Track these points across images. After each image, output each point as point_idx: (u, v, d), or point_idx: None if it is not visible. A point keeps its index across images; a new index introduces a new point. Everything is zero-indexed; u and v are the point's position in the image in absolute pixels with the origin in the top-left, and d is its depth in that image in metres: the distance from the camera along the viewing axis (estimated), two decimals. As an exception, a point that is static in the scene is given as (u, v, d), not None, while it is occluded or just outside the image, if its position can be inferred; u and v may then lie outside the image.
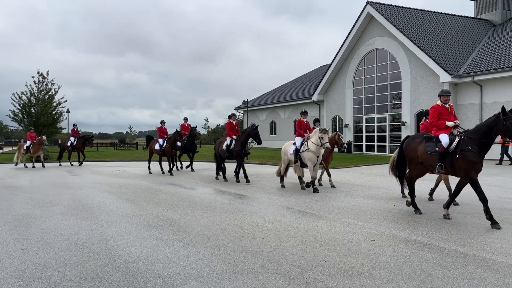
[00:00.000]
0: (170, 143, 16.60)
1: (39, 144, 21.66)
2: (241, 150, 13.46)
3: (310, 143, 11.17)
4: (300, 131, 12.00)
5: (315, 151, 11.01)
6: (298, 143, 11.70)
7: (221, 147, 14.20)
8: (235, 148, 13.58)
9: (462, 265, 4.85)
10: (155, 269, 4.81)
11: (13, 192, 11.78)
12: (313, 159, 11.11)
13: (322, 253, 5.38)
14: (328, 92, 33.16)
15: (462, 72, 22.97)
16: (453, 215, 7.66)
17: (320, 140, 10.80)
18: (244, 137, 13.53)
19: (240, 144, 13.50)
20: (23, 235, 6.50)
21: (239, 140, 13.58)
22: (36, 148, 21.66)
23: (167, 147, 16.71)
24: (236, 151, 13.56)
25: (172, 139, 16.48)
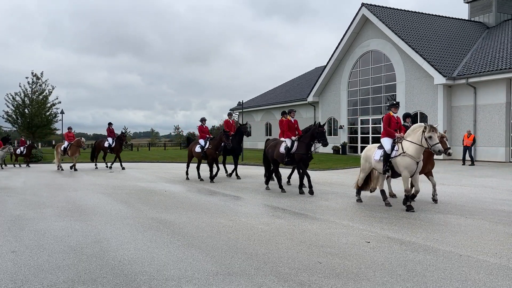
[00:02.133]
0: (214, 145, 14.13)
1: (76, 146, 20.43)
2: (306, 154, 11.20)
3: (408, 145, 8.53)
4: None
5: (414, 155, 8.39)
6: (387, 145, 8.96)
7: (278, 150, 11.79)
8: (299, 151, 11.21)
9: (457, 266, 4.87)
10: (149, 271, 4.79)
11: (6, 193, 11.69)
12: (411, 167, 8.42)
13: (317, 254, 5.38)
14: (323, 94, 33.24)
15: (456, 74, 23.10)
16: (447, 217, 7.69)
17: (427, 140, 8.23)
18: (308, 138, 11.16)
19: (304, 147, 11.16)
20: (16, 237, 6.44)
21: (302, 142, 11.23)
22: (73, 150, 20.40)
23: (210, 149, 14.26)
24: (299, 155, 11.20)
25: (217, 140, 14.10)
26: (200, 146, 14.76)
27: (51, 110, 36.60)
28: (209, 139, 14.69)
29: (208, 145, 14.40)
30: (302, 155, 11.16)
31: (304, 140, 11.19)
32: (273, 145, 12.12)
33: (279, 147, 11.75)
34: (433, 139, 8.17)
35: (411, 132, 8.61)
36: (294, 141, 11.44)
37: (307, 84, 39.34)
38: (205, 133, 15.20)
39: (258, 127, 43.39)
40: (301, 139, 11.27)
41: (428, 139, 8.20)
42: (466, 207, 8.77)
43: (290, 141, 11.52)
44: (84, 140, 21.06)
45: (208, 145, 14.39)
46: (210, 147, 14.27)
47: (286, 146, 11.47)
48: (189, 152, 15.81)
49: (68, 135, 21.05)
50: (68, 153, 20.42)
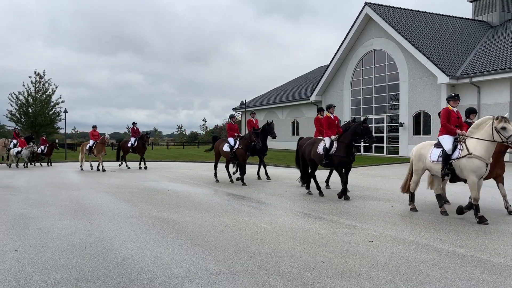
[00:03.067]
0: (244, 145, 12.92)
1: (102, 144, 19.59)
2: (347, 157, 9.85)
3: (474, 144, 7.20)
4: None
5: (484, 155, 7.07)
6: (447, 144, 7.65)
7: (315, 150, 10.51)
8: (338, 153, 9.90)
9: (460, 266, 4.85)
10: (152, 269, 4.80)
11: (10, 192, 11.74)
12: (481, 170, 7.13)
13: (320, 254, 5.38)
14: (326, 93, 33.19)
15: (460, 73, 23.02)
16: (450, 217, 7.66)
17: (499, 133, 6.89)
18: (349, 137, 9.81)
19: (344, 148, 9.83)
20: (20, 236, 6.47)
21: (342, 142, 9.90)
22: (99, 148, 19.52)
23: (241, 149, 12.98)
24: (339, 158, 9.89)
25: (247, 139, 12.90)
26: (229, 145, 13.54)
27: (55, 109, 36.72)
28: (238, 138, 13.48)
29: (238, 145, 13.14)
30: (342, 157, 9.82)
31: (344, 140, 9.84)
32: (311, 144, 10.92)
33: (316, 146, 10.53)
34: (508, 130, 6.81)
35: (475, 128, 7.34)
36: (333, 140, 10.09)
37: (309, 84, 39.29)
38: (234, 131, 13.93)
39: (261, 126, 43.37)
40: (341, 139, 9.92)
41: (501, 130, 6.86)
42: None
43: (329, 141, 10.18)
44: (108, 137, 20.32)
45: (238, 144, 13.11)
46: (240, 147, 13.00)
47: (324, 146, 10.19)
48: (216, 151, 14.58)
49: (93, 134, 20.29)
50: (94, 152, 19.65)
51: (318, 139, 10.80)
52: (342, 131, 10.13)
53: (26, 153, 22.07)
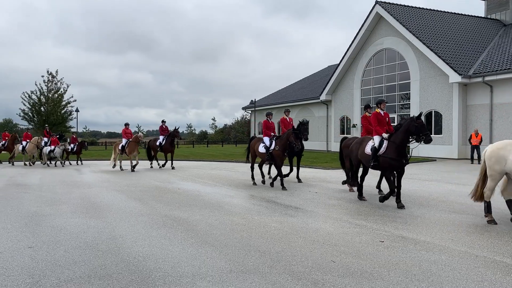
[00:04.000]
0: (282, 145, 11.85)
1: (135, 142, 18.46)
2: (398, 160, 8.56)
3: None
4: None
5: None
6: None
7: (363, 150, 9.38)
8: (387, 154, 8.64)
9: (472, 267, 4.81)
10: (163, 267, 4.83)
11: (23, 190, 11.90)
12: None
13: (331, 253, 5.37)
14: (336, 92, 33.06)
15: (472, 72, 22.76)
16: (462, 217, 7.59)
17: None
18: (401, 136, 8.55)
19: (395, 149, 8.57)
20: (33, 233, 6.56)
21: (393, 142, 8.61)
22: (131, 147, 18.41)
23: (278, 150, 11.91)
24: (386, 160, 8.66)
25: (284, 139, 11.76)
26: (264, 145, 12.42)
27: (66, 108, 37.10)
28: (275, 137, 12.34)
29: (275, 145, 12.05)
30: (391, 160, 8.59)
31: (395, 140, 8.59)
32: (358, 142, 9.85)
33: (364, 146, 9.43)
34: None
35: None
36: (383, 139, 8.90)
37: (319, 83, 39.17)
38: (271, 130, 12.77)
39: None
40: (392, 139, 8.72)
41: None
42: (481, 207, 8.62)
43: (378, 139, 9.01)
44: (142, 135, 19.06)
45: (275, 145, 12.04)
46: (277, 148, 11.92)
47: (373, 146, 9.06)
48: (251, 151, 13.45)
49: (126, 132, 19.20)
50: (126, 152, 18.50)
51: (367, 138, 9.77)
52: (394, 129, 8.94)
53: (59, 151, 21.67)
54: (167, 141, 19.37)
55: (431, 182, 12.33)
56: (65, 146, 21.78)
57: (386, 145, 8.76)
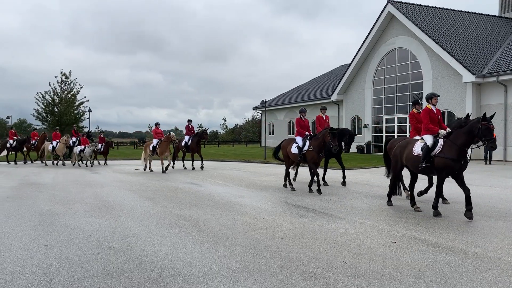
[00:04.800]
0: (316, 145, 10.86)
1: (167, 142, 17.62)
2: (457, 160, 7.50)
3: None
4: None
5: None
6: None
7: (410, 151, 8.31)
8: (446, 154, 7.58)
9: (487, 269, 4.74)
10: (175, 267, 4.85)
11: (37, 189, 12.07)
12: None
13: (342, 254, 5.34)
14: (347, 92, 32.89)
15: (486, 72, 22.46)
16: (476, 218, 7.49)
17: None
18: (464, 137, 7.47)
19: (456, 150, 7.49)
20: (47, 231, 6.64)
21: (452, 143, 7.56)
22: (163, 148, 17.57)
23: (312, 151, 10.94)
24: (446, 161, 7.57)
25: (320, 139, 10.82)
26: (297, 146, 11.45)
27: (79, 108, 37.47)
28: (308, 137, 11.38)
29: (308, 146, 11.11)
30: (449, 161, 7.50)
31: (455, 141, 7.54)
32: (404, 145, 8.72)
33: (412, 147, 8.34)
34: None
35: None
36: (438, 138, 7.89)
37: (330, 83, 39.02)
38: (305, 129, 11.72)
39: (281, 125, 43.33)
40: (451, 138, 7.65)
41: None
42: (496, 208, 8.53)
43: (431, 138, 7.97)
44: (174, 134, 18.21)
45: (309, 145, 11.08)
46: (311, 149, 10.96)
47: (424, 145, 7.99)
48: (283, 152, 12.38)
49: (157, 132, 18.65)
50: (157, 152, 17.77)
51: (414, 139, 8.74)
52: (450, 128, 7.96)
53: (88, 151, 21.26)
54: (193, 141, 18.94)
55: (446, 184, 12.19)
56: (95, 146, 21.42)
57: (442, 144, 7.72)
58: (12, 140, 24.40)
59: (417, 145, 8.25)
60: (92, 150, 21.35)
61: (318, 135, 11.02)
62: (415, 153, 8.18)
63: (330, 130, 10.62)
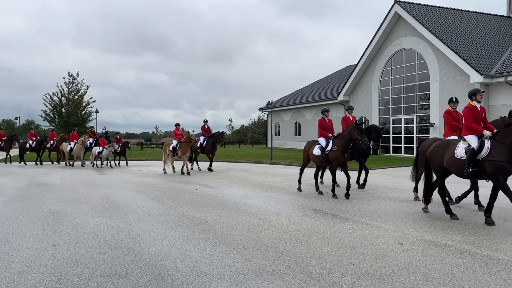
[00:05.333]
0: (341, 145, 10.14)
1: (187, 143, 17.05)
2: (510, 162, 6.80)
3: None
4: None
5: None
6: None
7: (453, 153, 7.50)
8: (495, 156, 6.88)
9: (495, 271, 4.70)
10: (182, 267, 4.86)
11: (44, 189, 12.15)
12: None
13: (349, 255, 5.32)
14: (354, 93, 32.78)
15: (494, 72, 22.28)
16: (484, 220, 7.41)
17: None
18: None
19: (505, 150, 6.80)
20: (55, 232, 6.69)
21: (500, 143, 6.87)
22: (184, 148, 17.05)
23: (335, 151, 10.20)
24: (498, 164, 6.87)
25: (345, 137, 10.08)
26: (320, 147, 10.72)
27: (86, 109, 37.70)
28: (332, 137, 10.67)
29: (332, 146, 10.38)
30: (504, 163, 6.77)
31: (503, 140, 6.80)
32: (443, 146, 7.85)
33: (454, 149, 7.51)
34: None
35: None
36: (484, 139, 7.11)
37: (336, 83, 38.91)
38: (328, 130, 11.06)
39: (287, 126, 43.29)
40: (498, 138, 6.91)
41: None
42: (505, 210, 8.45)
43: (476, 140, 7.17)
44: (194, 134, 17.39)
45: (332, 145, 10.36)
46: (335, 149, 10.23)
47: (468, 148, 7.20)
48: (304, 155, 11.80)
49: (177, 133, 18.14)
50: (178, 153, 17.29)
51: (454, 140, 7.93)
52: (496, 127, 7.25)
53: (106, 152, 20.93)
54: (209, 142, 18.38)
55: (451, 184, 12.10)
56: (113, 147, 21.03)
57: (490, 145, 6.97)
58: (32, 141, 24.40)
59: (460, 146, 7.45)
60: (110, 151, 21.01)
61: (343, 133, 10.30)
62: (458, 155, 7.34)
63: (355, 125, 9.89)
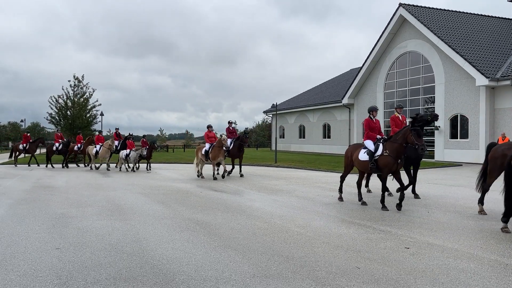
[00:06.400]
0: (394, 149, 8.82)
1: (219, 147, 15.71)
2: None
3: None
4: None
5: None
6: None
7: None
8: None
9: (503, 275, 4.66)
10: (187, 271, 4.85)
11: (50, 192, 12.19)
12: None
13: (355, 259, 5.29)
14: (358, 96, 32.73)
15: (500, 75, 22.17)
16: (491, 224, 7.37)
17: None
18: None
19: None
20: (60, 234, 6.70)
21: None
22: (215, 153, 15.81)
23: (387, 155, 8.86)
24: None
25: (400, 140, 8.75)
26: (367, 151, 9.40)
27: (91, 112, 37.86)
28: (382, 140, 9.36)
29: (382, 150, 9.05)
30: None
31: None
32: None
33: None
34: None
35: None
36: None
37: (341, 86, 38.86)
38: (376, 131, 9.80)
39: (292, 129, 43.25)
40: None
41: None
42: None
43: None
44: (225, 137, 16.02)
45: (383, 150, 9.02)
46: (386, 154, 8.91)
47: None
48: (346, 161, 10.30)
49: (209, 135, 16.88)
50: (210, 157, 16.06)
51: None
52: None
53: (134, 155, 20.24)
54: (235, 145, 17.12)
55: (458, 188, 12.05)
56: (141, 151, 20.24)
57: None
58: (58, 143, 23.98)
59: None
60: (137, 155, 20.32)
61: (396, 136, 8.96)
62: None
63: (412, 126, 8.52)
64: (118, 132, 24.06)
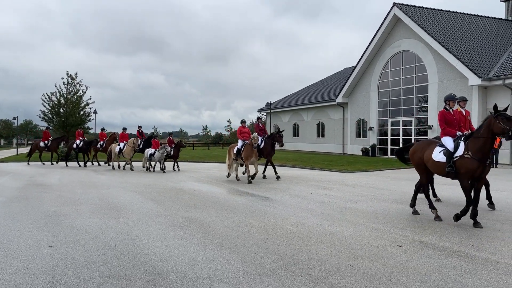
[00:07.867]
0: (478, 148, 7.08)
1: (251, 145, 14.03)
2: None
3: None
4: None
5: None
6: None
7: None
8: None
9: (493, 273, 4.72)
10: (180, 269, 4.86)
11: (43, 190, 12.13)
12: None
13: (348, 257, 5.33)
14: (352, 95, 32.84)
15: (492, 75, 22.35)
16: (482, 222, 7.44)
17: None
18: None
19: None
20: (53, 232, 6.68)
21: None
22: (248, 152, 14.25)
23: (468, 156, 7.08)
24: None
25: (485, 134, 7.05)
26: (444, 150, 7.58)
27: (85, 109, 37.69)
28: (463, 137, 7.53)
29: (463, 150, 7.24)
30: None
31: None
32: None
33: None
34: None
35: None
36: None
37: (335, 85, 38.98)
38: (455, 126, 7.93)
39: (286, 128, 43.32)
40: None
41: None
42: (503, 212, 8.48)
43: None
44: (257, 135, 14.40)
45: (464, 149, 7.23)
46: (468, 155, 7.13)
47: None
48: (417, 161, 8.23)
49: (242, 131, 15.21)
50: (242, 156, 14.58)
51: None
52: None
53: (159, 155, 19.11)
54: (268, 144, 15.41)
55: (449, 186, 12.14)
56: (165, 149, 18.96)
57: None
58: (79, 141, 22.82)
59: None
60: (162, 154, 19.15)
61: (479, 130, 7.20)
62: None
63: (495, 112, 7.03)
64: (141, 130, 22.99)
